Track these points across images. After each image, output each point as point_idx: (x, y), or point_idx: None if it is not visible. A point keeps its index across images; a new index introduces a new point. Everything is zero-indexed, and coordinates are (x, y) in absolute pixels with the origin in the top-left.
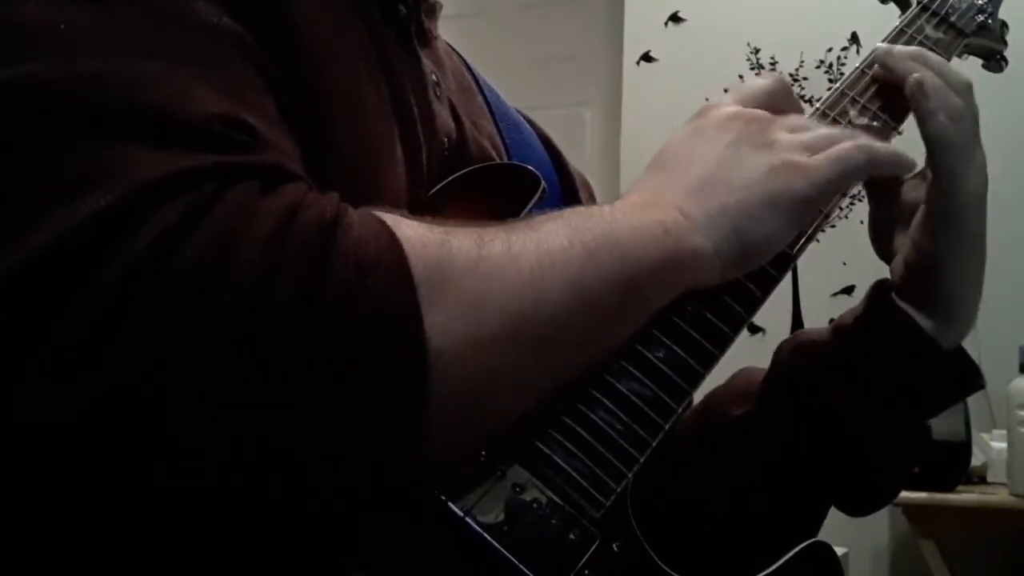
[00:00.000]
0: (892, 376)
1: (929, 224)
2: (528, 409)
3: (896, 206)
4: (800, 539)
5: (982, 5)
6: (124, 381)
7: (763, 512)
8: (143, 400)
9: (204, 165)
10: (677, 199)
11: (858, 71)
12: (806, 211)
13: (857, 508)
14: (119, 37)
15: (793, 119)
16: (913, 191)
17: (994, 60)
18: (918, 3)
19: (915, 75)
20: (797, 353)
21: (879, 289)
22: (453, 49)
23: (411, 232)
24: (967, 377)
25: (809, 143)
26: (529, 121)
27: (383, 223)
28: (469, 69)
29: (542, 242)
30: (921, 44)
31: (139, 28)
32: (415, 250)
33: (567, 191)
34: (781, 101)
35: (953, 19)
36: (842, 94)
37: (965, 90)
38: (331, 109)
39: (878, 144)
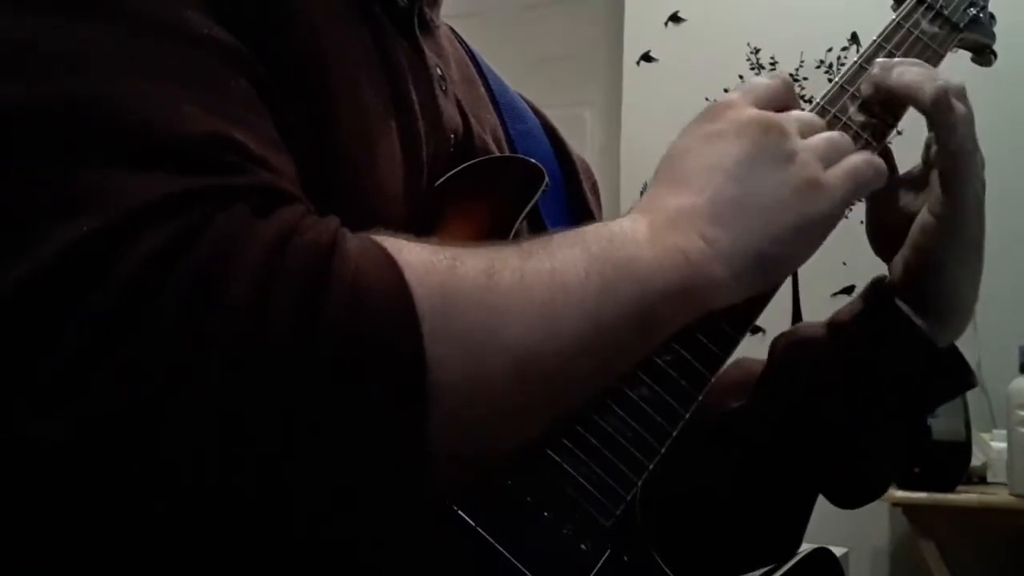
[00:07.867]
0: (888, 374)
1: (933, 228)
2: (532, 440)
3: (894, 207)
4: (790, 533)
5: None
6: (111, 409)
7: (754, 505)
8: (131, 429)
9: (192, 188)
10: (698, 222)
11: (856, 66)
12: (827, 231)
13: (847, 501)
14: (104, 55)
15: (801, 119)
16: (910, 191)
17: (985, 54)
18: None
19: (935, 85)
20: (794, 349)
21: (878, 287)
22: (456, 35)
23: (414, 258)
24: (960, 376)
25: (822, 152)
26: (534, 109)
27: (383, 250)
28: (472, 57)
29: (557, 272)
30: (917, 39)
31: (126, 45)
32: (418, 278)
33: (569, 182)
34: (790, 101)
35: (947, 13)
36: (842, 89)
37: (964, 95)
38: (332, 110)
39: (878, 158)
